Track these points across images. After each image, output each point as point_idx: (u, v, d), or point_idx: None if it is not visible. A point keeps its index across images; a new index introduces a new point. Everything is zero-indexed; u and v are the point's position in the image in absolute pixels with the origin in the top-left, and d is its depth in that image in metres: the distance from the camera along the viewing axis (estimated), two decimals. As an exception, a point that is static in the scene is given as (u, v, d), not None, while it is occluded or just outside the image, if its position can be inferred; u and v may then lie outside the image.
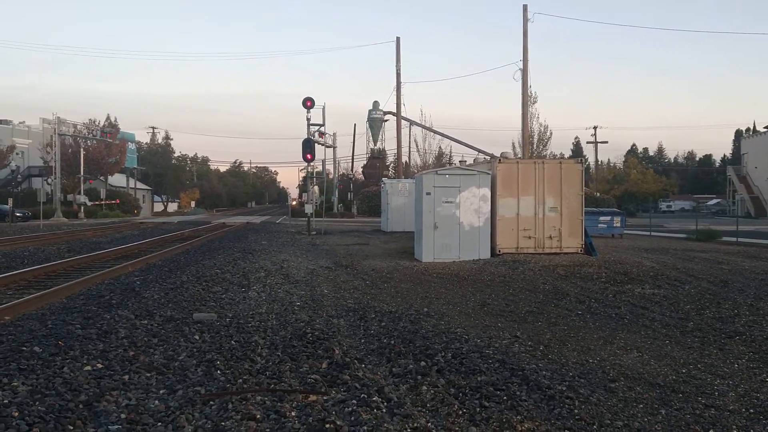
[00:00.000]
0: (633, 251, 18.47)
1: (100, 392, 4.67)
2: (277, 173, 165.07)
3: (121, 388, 4.85)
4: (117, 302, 8.42)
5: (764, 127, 62.85)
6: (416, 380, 5.38)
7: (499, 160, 17.24)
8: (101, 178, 56.79)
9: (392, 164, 67.28)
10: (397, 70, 34.41)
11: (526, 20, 27.35)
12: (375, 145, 68.21)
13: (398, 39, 33.59)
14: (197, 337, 6.68)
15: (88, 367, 5.21)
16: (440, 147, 63.53)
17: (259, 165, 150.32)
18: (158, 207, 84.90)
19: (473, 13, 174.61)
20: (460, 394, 5.03)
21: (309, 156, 27.05)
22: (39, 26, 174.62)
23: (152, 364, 5.56)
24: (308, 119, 27.85)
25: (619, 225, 25.25)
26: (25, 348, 5.66)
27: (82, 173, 48.12)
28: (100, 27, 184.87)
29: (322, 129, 41.50)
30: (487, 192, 16.12)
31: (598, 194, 55.51)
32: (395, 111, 42.24)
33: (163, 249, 17.44)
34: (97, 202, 51.20)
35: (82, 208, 46.91)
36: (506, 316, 8.75)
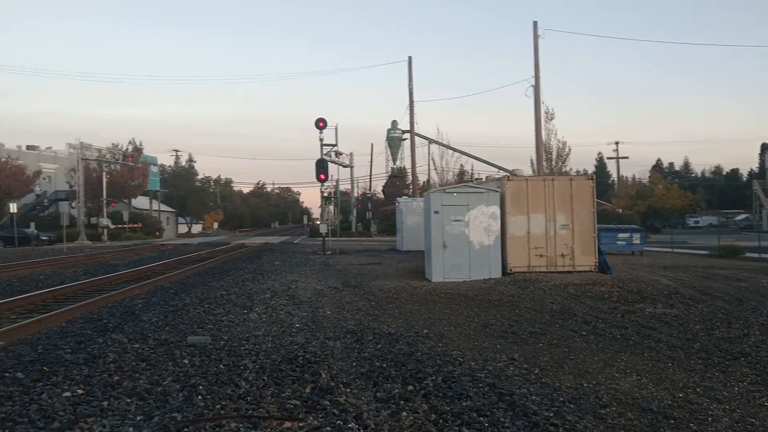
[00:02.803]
0: (651, 269, 18.08)
1: (75, 419, 4.63)
2: (299, 193, 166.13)
3: (97, 415, 4.81)
4: (113, 326, 8.44)
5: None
6: (399, 405, 5.26)
7: (508, 177, 17.09)
8: (125, 200, 57.67)
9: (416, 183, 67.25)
10: (409, 89, 34.60)
11: (536, 36, 27.31)
12: (394, 163, 68.30)
13: (410, 58, 33.90)
14: (186, 361, 6.63)
15: (68, 393, 5.18)
16: (462, 165, 63.28)
17: (282, 186, 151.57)
18: (183, 229, 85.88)
19: (488, 31, 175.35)
20: (441, 421, 4.89)
21: (323, 176, 27.16)
22: (68, 54, 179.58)
23: (135, 389, 5.51)
24: (321, 140, 27.99)
25: (638, 242, 24.79)
26: (8, 374, 5.66)
27: (105, 197, 48.92)
28: (124, 53, 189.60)
29: (338, 149, 41.67)
30: (496, 210, 15.94)
31: (621, 210, 54.73)
32: (414, 131, 42.22)
33: (175, 270, 17.55)
34: (120, 225, 51.96)
35: (105, 230, 47.64)
36: (507, 338, 8.57)
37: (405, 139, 65.02)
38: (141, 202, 65.35)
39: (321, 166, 27.51)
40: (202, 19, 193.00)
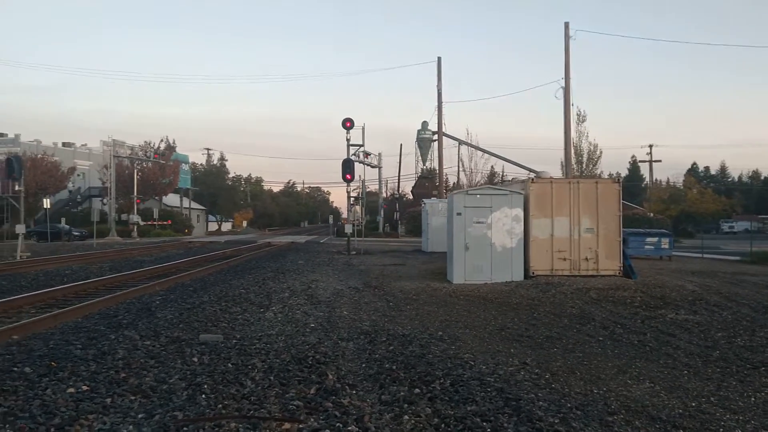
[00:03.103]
0: (678, 274, 17.68)
1: (77, 416, 4.68)
2: (329, 193, 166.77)
3: (99, 412, 4.86)
4: (127, 322, 8.56)
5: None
6: (402, 409, 5.21)
7: (533, 179, 16.87)
8: (156, 198, 58.65)
9: (444, 184, 67.11)
10: (438, 90, 34.43)
11: (567, 37, 26.91)
12: (424, 164, 68.24)
13: (439, 59, 33.71)
14: (195, 360, 6.68)
15: (72, 389, 5.25)
16: (492, 167, 62.77)
17: (312, 185, 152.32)
18: (213, 227, 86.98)
19: (518, 32, 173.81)
20: (443, 425, 4.83)
21: (348, 176, 27.22)
22: (108, 55, 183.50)
23: (140, 386, 5.57)
24: (348, 140, 28.09)
25: (667, 246, 24.27)
26: (15, 368, 5.77)
27: (135, 193, 49.82)
28: (161, 55, 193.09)
29: (366, 149, 41.78)
30: (519, 212, 15.75)
31: (652, 214, 53.65)
32: (442, 131, 42.07)
33: (198, 268, 17.76)
34: (150, 222, 52.84)
35: (135, 227, 48.50)
36: (522, 342, 8.44)
37: (435, 140, 64.89)
38: (172, 199, 66.36)
39: (347, 166, 27.58)
40: (236, 20, 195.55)
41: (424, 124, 63.46)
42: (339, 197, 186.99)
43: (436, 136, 62.90)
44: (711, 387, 6.11)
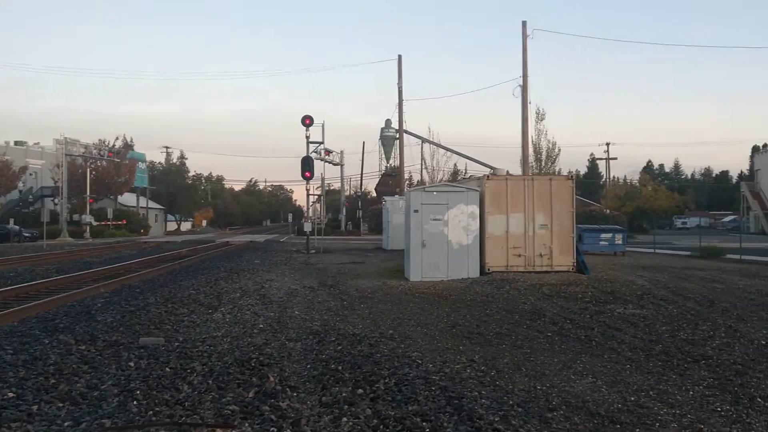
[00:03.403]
0: (630, 269, 18.01)
1: (-2, 424, 4.45)
2: (292, 191, 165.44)
3: (23, 420, 4.64)
4: (64, 326, 8.25)
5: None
6: (342, 410, 5.10)
7: (488, 176, 16.97)
8: (111, 197, 57.26)
9: (407, 182, 67.25)
10: (399, 88, 34.46)
11: (525, 36, 27.18)
12: (388, 162, 68.14)
13: (400, 57, 33.75)
14: (132, 364, 6.45)
15: (-4, 397, 5.00)
16: (455, 164, 63.11)
17: (274, 183, 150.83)
18: (172, 226, 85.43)
19: (479, 30, 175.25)
20: (381, 426, 4.75)
21: (308, 174, 27.01)
22: (66, 51, 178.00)
23: (70, 393, 5.34)
24: (307, 137, 27.84)
25: (620, 242, 24.73)
26: (-64, 376, 5.47)
27: (88, 193, 48.50)
28: (119, 49, 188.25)
29: (328, 147, 41.52)
30: (475, 209, 15.82)
31: (608, 211, 54.75)
32: (403, 128, 42.11)
33: (149, 269, 17.34)
34: (104, 222, 51.53)
35: (88, 228, 47.20)
36: (472, 339, 8.42)
37: (398, 138, 64.95)
38: (128, 199, 64.87)
39: (306, 164, 27.36)
40: (196, 15, 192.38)
41: (388, 122, 63.26)
42: (302, 195, 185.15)
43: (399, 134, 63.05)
44: (651, 381, 6.17)
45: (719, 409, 5.31)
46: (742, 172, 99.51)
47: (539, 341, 8.21)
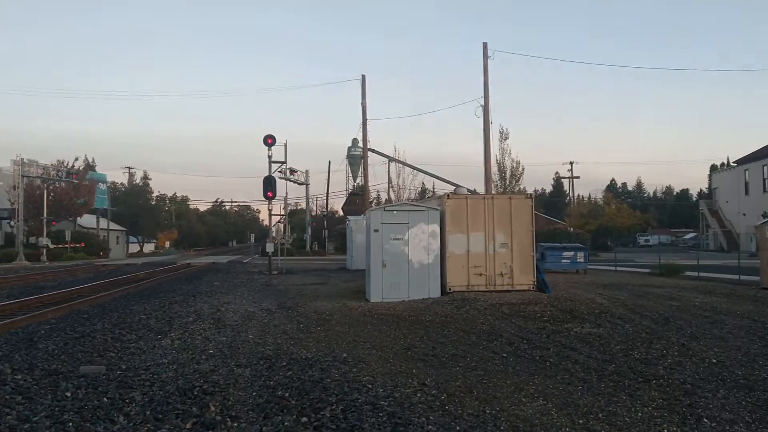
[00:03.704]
0: (591, 287, 18.14)
1: None
2: (259, 211, 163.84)
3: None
4: (3, 355, 7.88)
5: (734, 162, 63.69)
6: (282, 441, 4.91)
7: (448, 195, 16.98)
8: (70, 219, 55.88)
9: (374, 201, 67.25)
10: (363, 107, 34.49)
11: (486, 57, 27.51)
12: (355, 181, 68.12)
13: (363, 77, 33.81)
14: (69, 394, 6.15)
15: None
16: (423, 183, 63.35)
17: (241, 203, 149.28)
18: (135, 248, 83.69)
19: (444, 51, 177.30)
20: (321, 457, 4.57)
21: (270, 193, 26.72)
22: (23, 70, 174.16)
23: (-7, 427, 5.04)
24: (270, 157, 27.61)
25: (582, 260, 24.98)
26: None
27: (45, 215, 47.21)
28: (80, 68, 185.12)
29: (292, 166, 41.30)
30: (436, 228, 15.77)
31: (572, 229, 55.50)
32: (367, 147, 42.18)
33: (103, 293, 16.82)
34: (62, 245, 50.16)
35: (45, 250, 45.86)
36: (427, 361, 8.29)
37: (363, 157, 64.96)
38: (88, 220, 63.39)
39: (268, 184, 27.07)
40: (159, 35, 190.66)
41: (354, 141, 63.31)
42: (275, 215, 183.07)
43: (367, 153, 63.11)
44: (601, 402, 6.11)
45: (666, 430, 5.26)
46: (701, 190, 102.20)
47: (494, 363, 8.12)
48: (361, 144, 61.94)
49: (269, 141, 27.30)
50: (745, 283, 19.43)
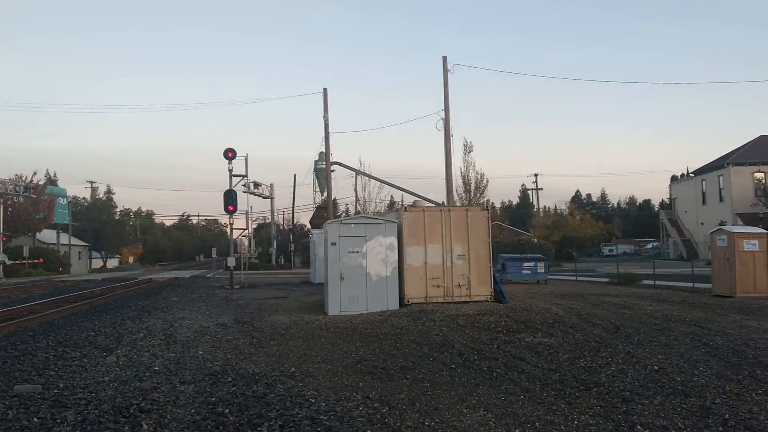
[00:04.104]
0: (549, 297, 18.34)
1: None
2: (227, 225, 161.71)
3: None
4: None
5: (691, 173, 65.33)
6: (212, 458, 4.82)
7: (405, 208, 17.05)
8: (29, 234, 54.54)
9: (343, 214, 67.09)
10: (325, 120, 34.41)
11: (446, 71, 27.79)
12: (322, 195, 67.92)
13: (325, 90, 33.81)
14: (-4, 415, 5.95)
15: None
16: (392, 197, 63.43)
17: (208, 218, 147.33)
18: (98, 263, 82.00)
19: (408, 64, 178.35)
20: (249, 474, 4.49)
21: (231, 207, 26.48)
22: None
23: None
24: (230, 170, 27.35)
25: (543, 270, 25.26)
26: None
27: (1, 230, 45.97)
28: (40, 81, 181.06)
29: (257, 180, 41.02)
30: (393, 241, 15.79)
31: (536, 240, 56.14)
32: (330, 161, 42.09)
33: (55, 309, 16.40)
34: (19, 261, 48.87)
35: (1, 267, 44.60)
36: (375, 374, 8.25)
37: (333, 170, 64.93)
38: (49, 236, 61.91)
39: (229, 198, 26.85)
40: (125, 45, 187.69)
41: (322, 154, 63.08)
42: (237, 229, 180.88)
43: (334, 167, 63.04)
44: (541, 411, 6.15)
45: (599, 438, 5.32)
46: (663, 200, 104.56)
47: (441, 374, 8.12)
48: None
49: (230, 154, 27.09)
50: (698, 290, 19.88)
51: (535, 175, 79.02)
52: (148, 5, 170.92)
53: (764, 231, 18.91)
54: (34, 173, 56.82)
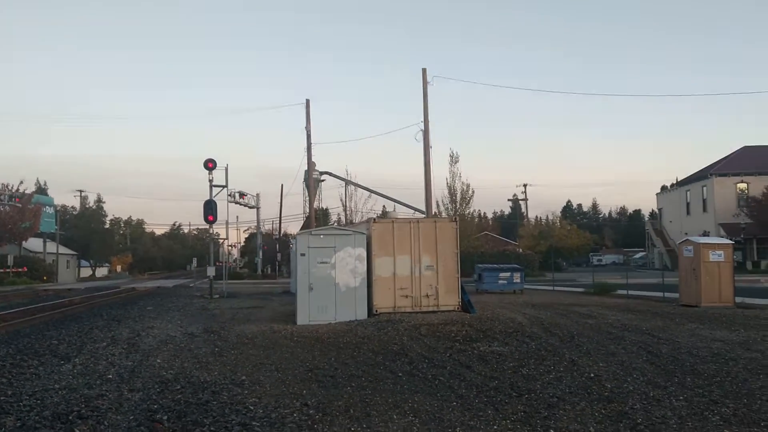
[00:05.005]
0: (519, 307, 18.58)
1: None
2: (218, 234, 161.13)
3: None
4: None
5: (676, 183, 65.96)
6: (133, 461, 5.02)
7: (374, 219, 17.30)
8: (15, 243, 54.50)
9: (335, 223, 67.24)
10: (307, 131, 34.83)
11: (425, 83, 28.13)
12: (312, 205, 68.02)
13: (308, 101, 34.20)
14: (-65, 421, 6.13)
15: None
16: (384, 206, 63.44)
17: (200, 227, 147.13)
18: (87, 272, 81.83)
19: (393, 76, 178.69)
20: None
21: (210, 217, 26.66)
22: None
23: None
24: (210, 180, 27.54)
25: (519, 281, 25.53)
26: None
27: (-18, 239, 45.98)
28: (38, 90, 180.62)
29: (243, 190, 41.22)
30: (362, 252, 16.02)
31: (521, 250, 56.49)
32: (312, 171, 42.43)
33: (27, 317, 16.53)
34: (3, 269, 48.81)
35: (-16, 276, 44.64)
36: (323, 382, 8.44)
37: (323, 180, 65.16)
38: (36, 244, 61.85)
39: (209, 207, 27.05)
40: (113, 58, 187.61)
41: (312, 164, 63.53)
42: (231, 238, 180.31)
43: (323, 177, 63.28)
44: (466, 417, 6.37)
45: (512, 442, 5.54)
46: (652, 211, 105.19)
47: (386, 382, 8.32)
48: (318, 168, 62.32)
49: (210, 165, 27.30)
50: (668, 300, 20.17)
51: (524, 186, 79.71)
52: (141, 14, 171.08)
53: (729, 242, 19.26)
54: (21, 182, 56.84)
